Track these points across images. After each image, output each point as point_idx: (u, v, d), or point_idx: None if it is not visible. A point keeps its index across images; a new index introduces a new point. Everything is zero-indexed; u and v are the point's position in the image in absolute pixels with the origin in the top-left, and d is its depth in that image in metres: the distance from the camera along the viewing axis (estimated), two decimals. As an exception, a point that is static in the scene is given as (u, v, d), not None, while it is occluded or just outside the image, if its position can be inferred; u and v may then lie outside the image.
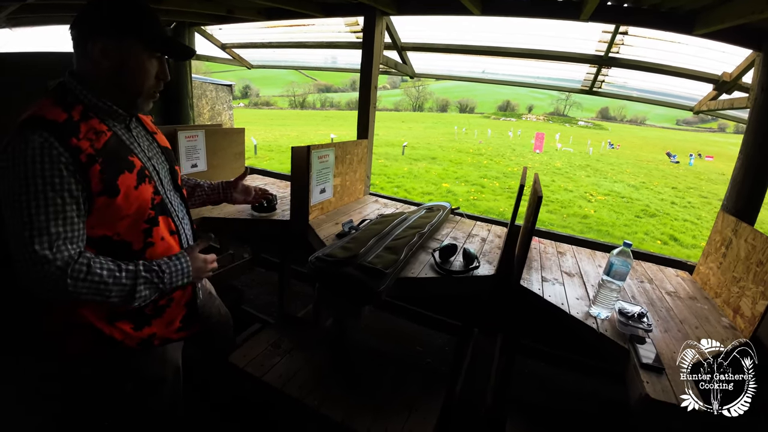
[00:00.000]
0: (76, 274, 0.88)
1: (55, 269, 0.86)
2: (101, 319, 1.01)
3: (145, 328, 1.08)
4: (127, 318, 1.04)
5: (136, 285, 0.96)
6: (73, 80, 0.95)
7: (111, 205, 0.94)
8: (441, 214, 2.10)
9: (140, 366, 1.15)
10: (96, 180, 0.90)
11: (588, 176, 12.51)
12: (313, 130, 23.03)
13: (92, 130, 0.93)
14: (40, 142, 0.84)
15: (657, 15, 1.87)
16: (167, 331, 1.13)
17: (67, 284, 0.87)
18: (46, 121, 0.87)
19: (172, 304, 1.13)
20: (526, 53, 2.59)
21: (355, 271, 1.32)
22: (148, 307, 1.07)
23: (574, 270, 1.83)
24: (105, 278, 0.92)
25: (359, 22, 2.69)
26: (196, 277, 1.12)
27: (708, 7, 1.70)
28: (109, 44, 0.92)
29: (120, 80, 0.96)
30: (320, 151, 1.93)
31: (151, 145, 1.14)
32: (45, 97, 0.93)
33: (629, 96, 2.89)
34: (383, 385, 1.47)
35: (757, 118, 1.79)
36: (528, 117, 61.88)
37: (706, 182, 13.83)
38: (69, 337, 1.04)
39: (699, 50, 2.12)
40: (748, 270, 1.49)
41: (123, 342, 1.04)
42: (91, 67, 0.95)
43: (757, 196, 1.83)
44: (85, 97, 0.95)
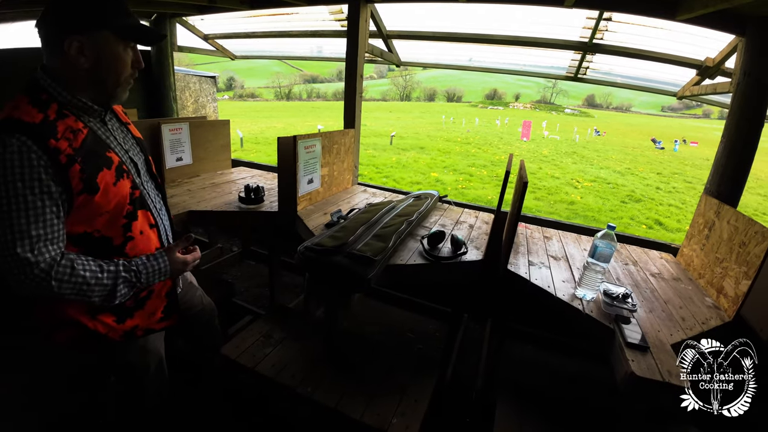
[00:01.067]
0: (60, 276, 0.90)
1: (39, 271, 0.88)
2: (84, 313, 1.03)
3: (127, 320, 1.10)
4: (109, 311, 1.06)
5: (116, 285, 0.99)
6: (47, 77, 0.94)
7: (90, 203, 0.94)
8: (429, 202, 2.11)
9: (124, 356, 1.18)
10: (76, 180, 0.91)
11: (574, 163, 12.65)
12: (300, 122, 22.78)
13: (69, 128, 0.92)
14: (18, 146, 0.84)
15: (640, 0, 1.88)
16: (149, 321, 1.15)
17: (51, 285, 0.89)
18: (23, 123, 0.86)
19: (152, 296, 1.15)
20: (511, 40, 2.60)
21: (344, 259, 1.32)
22: (129, 300, 1.08)
23: (560, 254, 1.86)
24: (88, 279, 0.94)
25: (343, 10, 2.66)
26: (174, 275, 1.15)
27: (691, -9, 1.71)
28: (84, 41, 0.91)
29: (98, 75, 0.96)
30: (306, 142, 1.92)
31: (126, 137, 1.14)
32: (19, 95, 0.92)
33: (614, 82, 2.92)
34: (375, 371, 1.49)
35: (739, 102, 1.83)
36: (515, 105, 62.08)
37: (690, 167, 14.09)
38: (55, 331, 1.06)
39: (682, 36, 2.14)
40: (731, 251, 1.53)
41: (107, 335, 1.06)
42: (66, 65, 0.93)
43: (739, 179, 1.87)
44: (60, 94, 0.94)
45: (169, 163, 2.45)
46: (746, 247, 1.44)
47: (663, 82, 2.77)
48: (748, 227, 1.45)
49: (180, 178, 2.56)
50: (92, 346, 1.10)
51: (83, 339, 1.05)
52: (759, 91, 1.78)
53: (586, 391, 2.06)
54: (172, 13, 3.16)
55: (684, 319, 1.38)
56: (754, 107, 1.79)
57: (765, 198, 10.63)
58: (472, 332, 2.48)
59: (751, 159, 1.85)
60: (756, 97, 1.78)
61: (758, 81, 1.76)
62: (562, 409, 1.46)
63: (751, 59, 1.77)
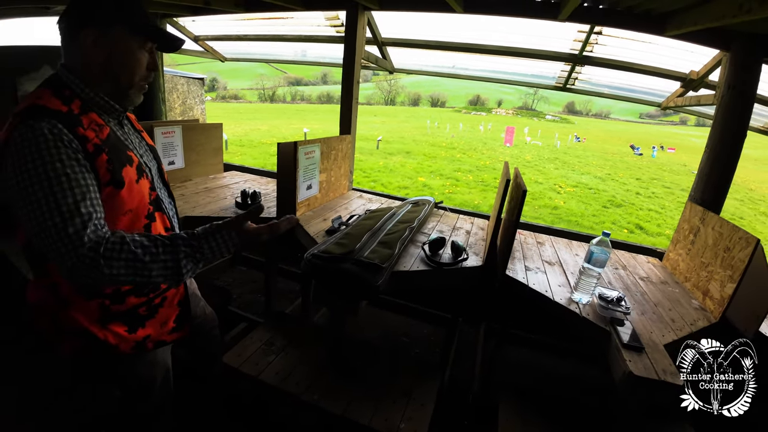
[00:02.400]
0: (110, 253, 0.81)
1: (87, 250, 0.80)
2: (94, 322, 0.98)
3: (139, 329, 1.05)
4: (120, 320, 1.01)
5: (179, 259, 0.88)
6: (69, 74, 0.93)
7: (116, 197, 0.92)
8: (426, 208, 2.14)
9: (132, 369, 1.12)
10: (103, 170, 0.89)
11: (557, 169, 12.94)
12: (285, 124, 22.61)
13: (93, 122, 0.92)
14: (49, 128, 0.82)
15: (631, 16, 1.96)
16: (161, 332, 1.12)
17: (101, 265, 0.80)
18: (50, 110, 0.85)
19: (165, 304, 1.11)
20: (504, 50, 2.66)
21: (353, 266, 1.34)
22: (142, 308, 1.05)
23: (554, 259, 1.92)
24: (139, 256, 0.83)
25: (340, 17, 2.68)
26: (245, 246, 0.99)
27: (682, 9, 1.79)
28: (98, 34, 0.91)
29: (113, 71, 0.95)
30: (307, 147, 1.93)
31: (141, 143, 1.13)
32: (41, 88, 0.91)
33: (600, 93, 3.02)
34: (379, 376, 1.50)
35: (723, 114, 1.92)
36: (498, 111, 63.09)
37: (668, 173, 14.56)
38: (61, 342, 1.01)
39: (668, 50, 2.24)
40: (716, 255, 1.61)
41: (117, 346, 1.01)
42: (83, 60, 0.93)
43: (722, 187, 1.96)
44: (82, 91, 0.93)
45: (163, 167, 2.41)
46: (731, 252, 1.52)
47: (648, 92, 2.88)
48: (733, 233, 1.53)
49: (172, 182, 2.50)
50: (99, 359, 1.04)
51: (91, 350, 1.00)
52: (742, 104, 1.87)
53: (582, 391, 2.12)
54: (164, 14, 3.12)
55: (674, 321, 1.45)
56: (737, 119, 1.88)
57: (741, 202, 11.09)
58: (466, 336, 2.52)
59: (733, 168, 1.94)
60: (739, 110, 1.87)
61: (742, 94, 1.86)
62: (563, 408, 1.50)
63: (736, 73, 1.86)
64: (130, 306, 1.03)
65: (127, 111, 1.06)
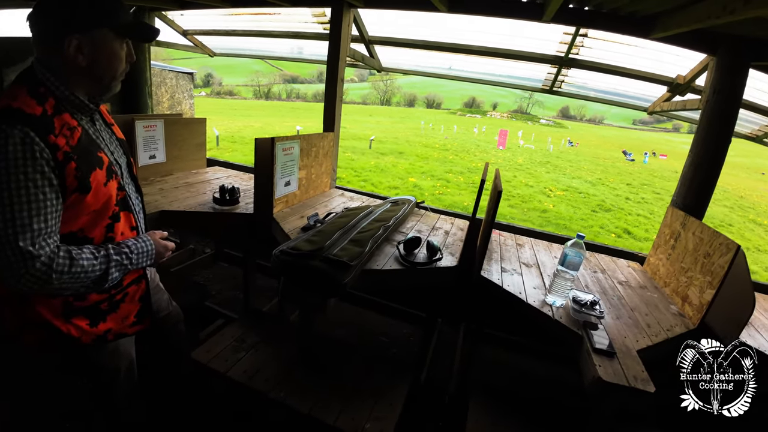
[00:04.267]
0: (61, 268, 0.89)
1: (41, 264, 0.86)
2: (58, 316, 1.00)
3: (100, 323, 1.07)
4: (83, 314, 1.04)
5: (108, 269, 0.98)
6: (45, 70, 0.93)
7: (81, 202, 0.94)
8: (406, 207, 2.13)
9: (95, 360, 1.15)
10: (71, 178, 0.91)
11: (548, 172, 13.02)
12: (279, 122, 22.52)
13: (65, 125, 0.92)
14: (21, 138, 0.83)
15: (617, 18, 1.96)
16: (122, 326, 1.13)
17: (52, 279, 0.88)
18: (25, 114, 0.86)
19: (126, 299, 1.13)
20: (490, 51, 2.66)
21: (321, 263, 1.32)
22: (103, 303, 1.07)
23: (532, 261, 1.91)
24: (86, 267, 0.93)
25: (326, 13, 2.66)
26: (157, 260, 1.15)
27: (667, 11, 1.79)
28: (83, 40, 0.92)
29: (95, 71, 0.97)
30: (285, 143, 1.90)
31: (111, 138, 1.14)
32: (16, 85, 0.91)
33: (587, 96, 3.04)
34: (350, 375, 1.49)
35: (708, 118, 1.92)
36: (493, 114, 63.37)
37: (659, 179, 14.73)
38: (25, 333, 1.03)
39: (655, 54, 2.25)
40: (696, 261, 1.60)
41: (79, 339, 1.04)
42: (65, 62, 0.93)
43: (705, 192, 1.96)
44: (57, 89, 0.93)
45: (142, 160, 2.38)
46: (711, 258, 1.51)
47: (635, 97, 2.90)
48: (713, 239, 1.52)
49: (153, 176, 2.49)
50: (62, 349, 1.07)
51: (53, 341, 1.02)
52: (728, 109, 1.87)
53: (556, 392, 2.12)
54: (152, 7, 3.08)
55: (650, 326, 1.44)
56: (722, 124, 1.88)
57: (731, 210, 11.23)
58: (446, 336, 2.51)
59: (717, 174, 1.93)
60: (725, 115, 1.87)
61: (728, 99, 1.86)
62: (533, 408, 1.49)
63: (722, 78, 1.86)
64: (92, 302, 1.05)
65: (98, 107, 1.07)
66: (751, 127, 2.77)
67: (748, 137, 2.83)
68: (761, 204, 13.02)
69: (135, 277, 1.14)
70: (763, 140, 2.76)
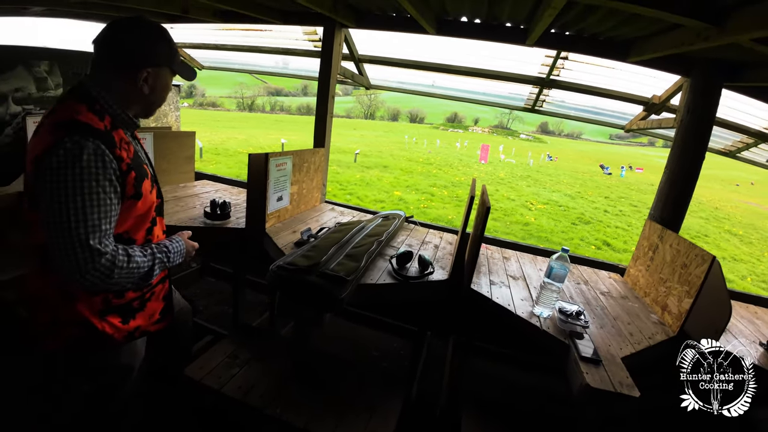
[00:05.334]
0: (121, 264, 1.01)
1: (105, 260, 0.97)
2: (95, 314, 1.09)
3: (131, 321, 1.17)
4: (117, 312, 1.13)
5: (154, 266, 1.11)
6: (101, 89, 1.05)
7: (132, 207, 1.08)
8: (396, 222, 2.17)
9: (117, 358, 1.21)
10: (130, 186, 1.05)
11: (529, 186, 13.32)
12: (263, 134, 22.43)
13: (122, 140, 1.06)
14: (94, 149, 0.95)
15: (596, 42, 2.07)
16: (148, 323, 1.23)
17: (113, 273, 0.99)
18: (93, 128, 0.98)
19: (152, 298, 1.23)
20: (475, 72, 2.76)
21: (318, 278, 1.34)
22: (135, 301, 1.17)
23: (519, 273, 1.98)
24: (138, 264, 1.06)
25: (318, 32, 2.72)
26: (186, 258, 1.28)
27: (643, 37, 1.90)
28: (152, 72, 1.09)
29: (151, 99, 1.14)
30: (278, 159, 1.93)
31: (143, 152, 1.25)
32: (73, 101, 1.01)
33: (567, 115, 3.17)
34: (344, 390, 1.49)
35: (683, 136, 2.02)
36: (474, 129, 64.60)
37: (636, 192, 15.22)
38: (53, 333, 1.09)
39: (631, 75, 2.38)
40: (674, 272, 1.69)
41: (113, 336, 1.12)
42: (128, 88, 1.08)
43: (680, 206, 2.06)
44: (110, 107, 1.05)
45: (130, 174, 2.36)
46: (688, 269, 1.59)
47: (613, 115, 3.04)
48: (689, 250, 1.61)
49: (140, 190, 2.46)
50: (94, 347, 1.13)
51: (87, 340, 1.10)
52: (701, 127, 1.97)
53: (544, 402, 2.16)
54: (140, 20, 3.08)
55: (632, 335, 1.51)
56: (696, 141, 1.99)
57: (706, 221, 11.70)
58: (435, 349, 2.53)
59: (692, 188, 2.03)
60: (698, 132, 1.98)
61: (701, 117, 1.96)
62: (524, 419, 1.52)
63: (695, 98, 1.97)
64: (128, 300, 1.15)
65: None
66: (724, 143, 2.92)
67: (721, 152, 2.98)
68: (735, 215, 13.61)
69: (161, 276, 1.25)
70: (736, 155, 2.92)
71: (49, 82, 2.91)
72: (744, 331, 1.73)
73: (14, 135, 2.76)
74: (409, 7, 1.78)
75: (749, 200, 18.29)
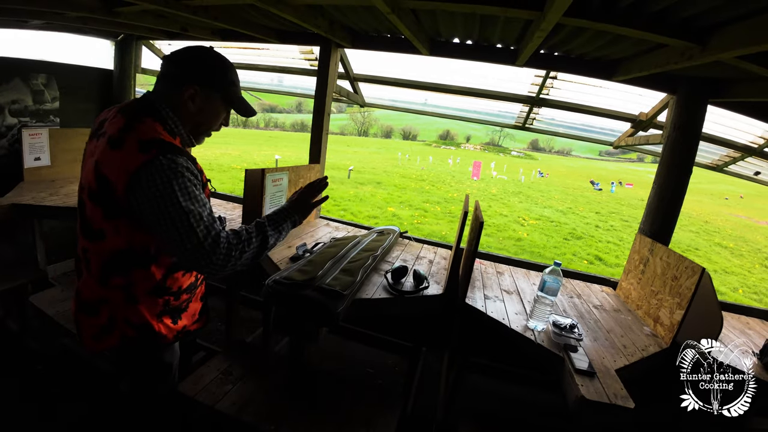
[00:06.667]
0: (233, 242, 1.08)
1: (223, 248, 1.04)
2: (154, 315, 1.16)
3: (179, 321, 1.24)
4: (169, 313, 1.20)
5: (267, 236, 1.17)
6: (167, 107, 1.12)
7: None
8: (391, 237, 2.19)
9: (162, 356, 1.26)
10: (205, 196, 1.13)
11: (521, 202, 13.44)
12: (257, 150, 22.48)
13: (190, 157, 1.13)
14: (184, 162, 1.04)
15: (583, 62, 2.14)
16: (190, 322, 1.30)
17: (231, 255, 1.06)
18: (177, 147, 1.06)
19: (193, 299, 1.30)
20: (467, 91, 2.84)
21: (314, 293, 1.35)
22: (185, 303, 1.25)
23: (512, 288, 1.99)
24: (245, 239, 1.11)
25: (314, 51, 2.79)
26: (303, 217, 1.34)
27: (629, 57, 1.96)
28: (199, 91, 1.12)
29: (196, 119, 1.17)
30: (274, 175, 1.95)
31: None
32: (150, 118, 1.08)
33: (557, 132, 3.24)
34: (339, 406, 1.48)
35: (670, 152, 2.08)
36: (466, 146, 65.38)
37: (626, 207, 15.38)
38: (108, 333, 1.14)
39: (619, 93, 2.45)
40: (665, 284, 1.71)
41: (166, 336, 1.19)
42: (180, 103, 1.13)
43: (669, 220, 2.10)
44: (177, 127, 1.14)
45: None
46: (678, 281, 1.62)
47: (601, 132, 3.12)
48: (679, 263, 1.64)
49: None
50: (148, 346, 1.19)
51: (142, 339, 1.16)
52: (688, 143, 2.03)
53: (540, 415, 2.15)
54: (140, 36, 3.13)
55: (625, 347, 1.52)
56: (683, 157, 2.04)
57: (696, 234, 11.82)
58: (430, 365, 2.52)
59: (680, 202, 2.08)
60: (685, 148, 2.03)
61: (687, 133, 2.02)
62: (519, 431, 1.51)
63: (681, 114, 2.03)
64: (182, 301, 1.23)
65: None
66: (711, 158, 2.99)
67: (709, 167, 3.05)
68: (725, 228, 13.79)
69: (204, 277, 1.35)
70: (723, 169, 3.00)
71: (45, 95, 2.92)
72: (736, 342, 1.75)
73: (9, 147, 2.75)
74: (403, 29, 1.83)
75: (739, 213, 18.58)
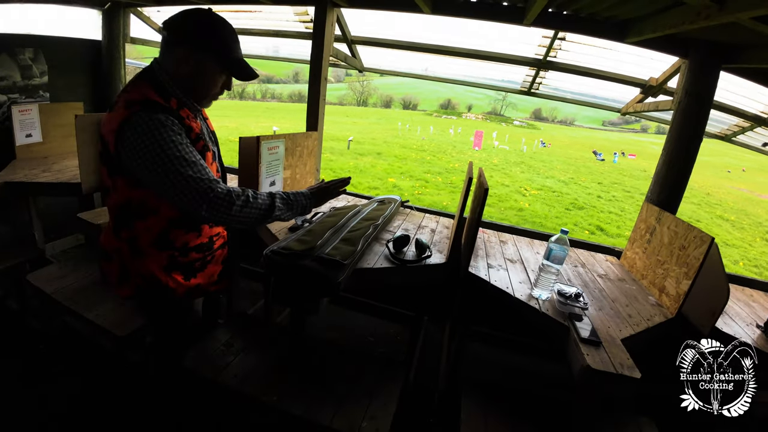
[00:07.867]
0: (236, 194, 1.09)
1: (220, 190, 1.05)
2: (160, 269, 1.21)
3: (192, 279, 1.29)
4: (180, 269, 1.25)
5: (273, 205, 1.17)
6: (166, 75, 1.13)
7: None
8: (392, 206, 2.14)
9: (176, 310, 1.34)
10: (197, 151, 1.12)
11: (522, 172, 13.33)
12: (254, 122, 22.11)
13: (189, 116, 1.16)
14: (164, 117, 1.04)
15: (594, 23, 2.03)
16: (208, 282, 1.35)
17: (233, 205, 1.07)
18: (162, 105, 1.08)
19: (212, 261, 1.35)
20: (471, 53, 2.71)
21: (314, 263, 1.31)
22: (198, 262, 1.30)
23: (516, 257, 1.96)
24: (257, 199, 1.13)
25: (309, 12, 2.64)
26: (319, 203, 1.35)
27: (642, 17, 1.86)
28: (190, 54, 1.11)
29: (191, 83, 1.16)
30: (270, 143, 1.88)
31: (209, 130, 1.34)
32: (144, 82, 1.11)
33: (563, 98, 3.13)
34: (342, 376, 1.48)
35: (680, 119, 2.00)
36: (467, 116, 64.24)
37: (629, 178, 15.27)
38: (125, 281, 1.24)
39: (629, 56, 2.34)
40: (672, 254, 1.67)
41: (175, 290, 1.25)
42: (174, 67, 1.13)
43: (677, 188, 2.05)
44: (175, 92, 1.14)
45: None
46: (686, 250, 1.58)
47: (609, 98, 3.01)
48: (688, 232, 1.60)
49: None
50: (158, 297, 1.26)
51: (152, 290, 1.23)
52: (699, 110, 1.96)
53: (543, 384, 2.17)
54: (127, 3, 2.97)
55: (630, 316, 1.50)
56: (693, 124, 1.97)
57: (698, 206, 11.81)
58: (432, 334, 2.53)
59: (689, 170, 2.03)
60: (696, 115, 1.96)
61: (699, 100, 1.94)
62: (525, 402, 1.52)
63: (693, 79, 1.95)
64: (191, 259, 1.28)
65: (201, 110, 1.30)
66: (720, 127, 2.92)
67: (717, 136, 2.97)
68: (727, 201, 13.74)
69: (222, 242, 1.40)
70: (732, 139, 2.91)
71: (34, 69, 2.79)
72: (740, 314, 1.73)
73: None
74: (403, -16, 1.71)
75: (741, 186, 18.47)
